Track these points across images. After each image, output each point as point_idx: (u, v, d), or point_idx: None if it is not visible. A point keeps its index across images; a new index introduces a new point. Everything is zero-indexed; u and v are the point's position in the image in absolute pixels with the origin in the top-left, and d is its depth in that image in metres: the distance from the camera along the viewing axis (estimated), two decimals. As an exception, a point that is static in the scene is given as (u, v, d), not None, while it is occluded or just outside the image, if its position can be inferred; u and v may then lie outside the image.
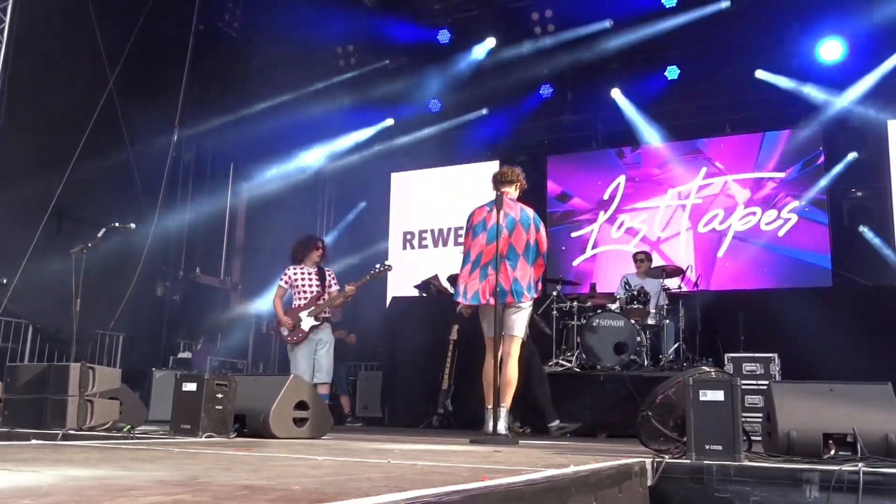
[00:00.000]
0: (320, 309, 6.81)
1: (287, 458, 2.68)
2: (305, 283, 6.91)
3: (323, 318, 6.85)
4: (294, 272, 6.98)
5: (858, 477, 2.99)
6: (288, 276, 6.98)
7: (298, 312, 6.80)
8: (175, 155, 9.85)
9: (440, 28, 11.02)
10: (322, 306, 6.81)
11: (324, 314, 6.86)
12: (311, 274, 6.96)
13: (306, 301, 6.84)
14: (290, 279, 6.95)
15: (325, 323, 6.88)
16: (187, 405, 4.28)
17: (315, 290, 6.89)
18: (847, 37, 9.61)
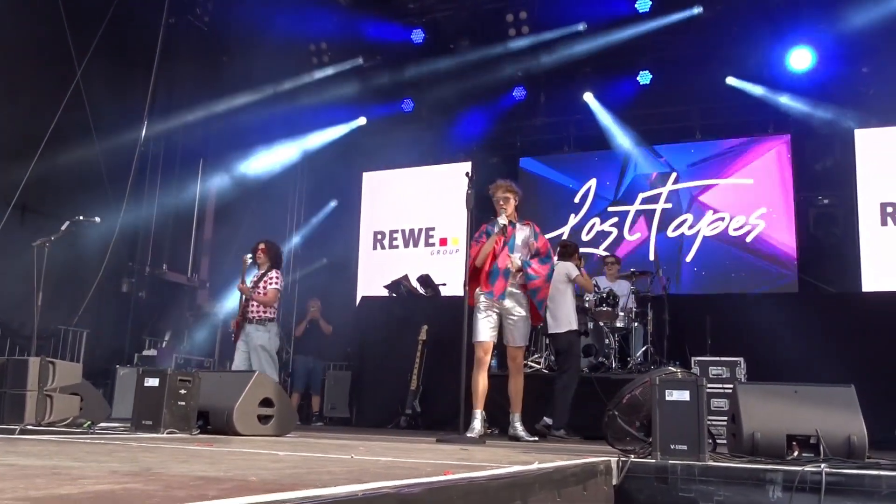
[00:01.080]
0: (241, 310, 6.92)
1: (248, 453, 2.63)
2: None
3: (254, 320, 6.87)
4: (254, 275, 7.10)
5: (821, 478, 3.01)
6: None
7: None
8: (143, 149, 9.71)
9: (414, 28, 10.98)
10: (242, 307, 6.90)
11: (251, 314, 6.88)
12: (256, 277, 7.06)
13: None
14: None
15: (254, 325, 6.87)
16: (149, 401, 4.20)
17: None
18: (816, 46, 9.75)
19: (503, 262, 5.70)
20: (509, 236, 5.75)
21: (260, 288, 6.95)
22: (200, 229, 10.86)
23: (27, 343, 7.43)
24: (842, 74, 9.69)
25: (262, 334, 6.86)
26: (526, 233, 5.88)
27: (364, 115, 11.97)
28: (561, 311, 6.94)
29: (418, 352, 8.83)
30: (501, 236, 5.74)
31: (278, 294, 7.02)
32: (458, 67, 11.05)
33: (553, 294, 7.00)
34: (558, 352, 7.09)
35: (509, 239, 5.74)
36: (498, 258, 5.74)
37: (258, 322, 6.90)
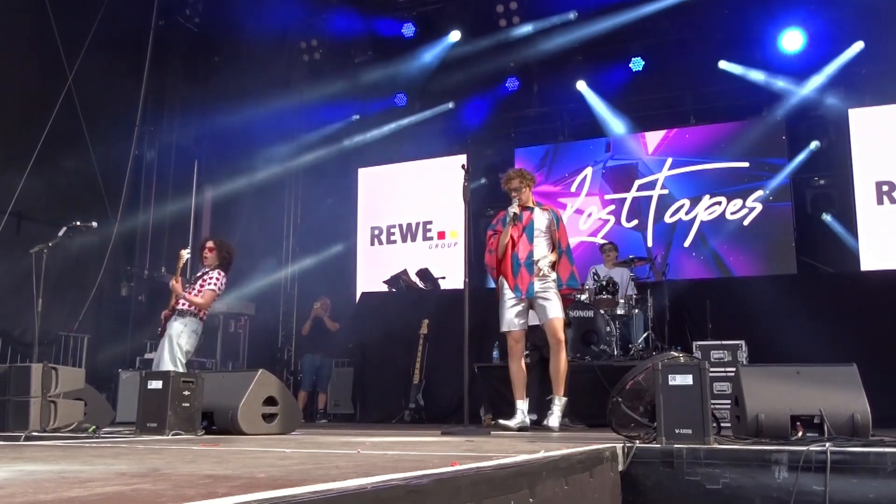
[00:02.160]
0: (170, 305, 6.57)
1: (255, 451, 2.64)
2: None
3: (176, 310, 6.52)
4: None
5: (826, 457, 3.02)
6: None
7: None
8: (137, 153, 9.70)
9: (405, 21, 10.97)
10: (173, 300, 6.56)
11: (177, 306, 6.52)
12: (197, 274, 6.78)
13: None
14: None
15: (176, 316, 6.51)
16: (153, 403, 4.20)
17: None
18: (808, 27, 9.75)
19: (523, 251, 5.51)
20: (527, 222, 5.58)
21: (196, 286, 6.61)
22: (198, 230, 10.83)
23: (29, 350, 7.42)
24: (833, 54, 9.68)
25: (177, 325, 6.50)
26: (547, 218, 5.68)
27: (357, 111, 11.96)
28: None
29: (420, 346, 8.85)
30: (518, 224, 5.58)
31: (214, 297, 6.65)
32: (450, 60, 11.04)
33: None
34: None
35: (527, 225, 5.58)
36: (518, 246, 5.56)
37: (179, 314, 6.55)
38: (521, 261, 5.51)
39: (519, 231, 5.58)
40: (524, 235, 5.56)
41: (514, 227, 5.57)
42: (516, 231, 5.57)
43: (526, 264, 5.49)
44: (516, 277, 5.49)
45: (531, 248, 5.54)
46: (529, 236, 5.56)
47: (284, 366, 11.72)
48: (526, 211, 5.64)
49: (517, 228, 5.58)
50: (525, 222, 5.58)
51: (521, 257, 5.52)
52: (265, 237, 11.56)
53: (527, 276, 5.48)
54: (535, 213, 5.67)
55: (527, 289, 5.46)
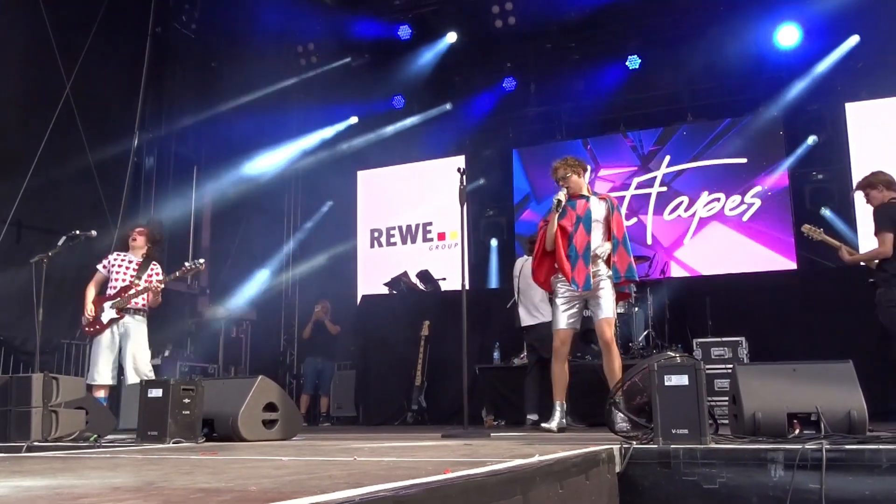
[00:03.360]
0: (125, 301, 6.22)
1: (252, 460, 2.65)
2: (121, 271, 6.37)
3: (133, 311, 6.25)
4: (115, 257, 6.50)
5: (821, 454, 3.03)
6: (108, 260, 6.50)
7: (104, 302, 6.28)
8: (136, 160, 9.72)
9: (400, 24, 10.98)
10: (127, 298, 6.21)
11: (131, 306, 6.25)
12: (130, 263, 6.42)
13: (114, 291, 6.31)
14: (109, 263, 6.45)
15: (133, 316, 6.25)
16: (154, 411, 4.22)
17: (127, 281, 6.31)
18: (803, 22, 9.75)
19: (581, 242, 5.18)
20: (583, 211, 5.25)
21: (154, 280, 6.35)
22: (198, 236, 10.86)
23: (30, 359, 7.45)
24: (829, 49, 9.69)
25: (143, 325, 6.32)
26: (605, 207, 5.34)
27: (355, 114, 11.98)
28: (532, 304, 7.10)
29: (421, 347, 8.88)
30: (571, 212, 5.25)
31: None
32: (446, 61, 11.06)
33: (524, 288, 7.17)
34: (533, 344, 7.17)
35: (584, 214, 5.24)
36: (575, 238, 5.21)
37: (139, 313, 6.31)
38: (579, 252, 5.19)
39: (573, 221, 5.25)
40: (581, 226, 5.23)
41: (566, 218, 5.25)
42: (570, 221, 5.25)
43: (584, 256, 5.18)
44: (574, 270, 5.16)
45: (588, 239, 5.21)
46: (587, 226, 5.22)
47: (287, 370, 11.75)
48: (581, 200, 5.33)
49: (570, 218, 5.25)
50: (581, 211, 5.26)
51: (578, 249, 5.20)
52: (265, 242, 11.59)
53: (584, 269, 5.16)
54: (592, 201, 5.33)
55: (584, 282, 5.14)
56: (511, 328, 8.49)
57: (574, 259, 5.18)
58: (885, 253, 5.58)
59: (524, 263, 7.26)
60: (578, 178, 5.36)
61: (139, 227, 6.68)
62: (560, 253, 5.21)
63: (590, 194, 5.39)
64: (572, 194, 5.33)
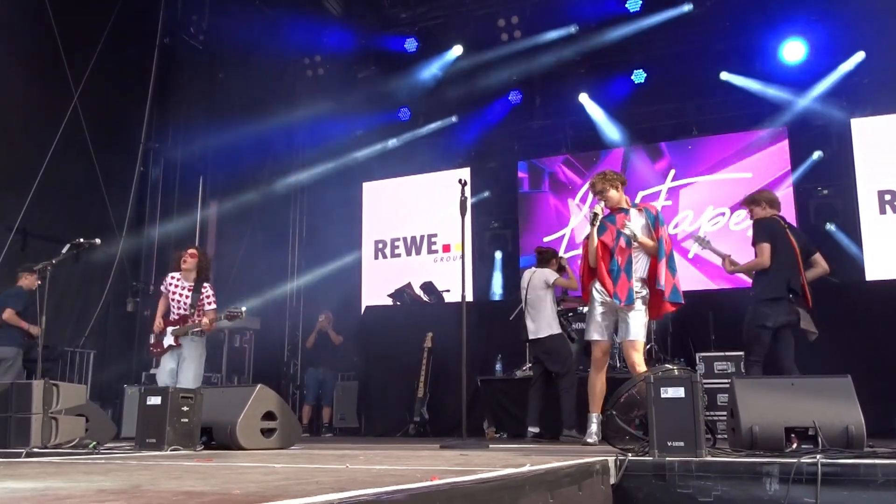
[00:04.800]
0: (185, 331, 6.43)
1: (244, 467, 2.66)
2: (178, 296, 6.55)
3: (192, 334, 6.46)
4: (170, 280, 6.64)
5: (817, 469, 3.02)
6: (166, 281, 6.68)
7: (167, 326, 6.52)
8: (143, 169, 9.78)
9: (407, 36, 11.05)
10: (189, 328, 6.43)
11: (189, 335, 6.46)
12: (184, 288, 6.57)
13: (176, 319, 6.51)
14: (167, 283, 6.64)
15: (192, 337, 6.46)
16: (152, 419, 4.24)
17: (185, 310, 6.50)
18: (809, 38, 9.77)
19: (622, 257, 5.10)
20: (622, 225, 5.16)
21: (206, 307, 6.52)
22: (203, 246, 10.87)
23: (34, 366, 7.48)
24: (835, 64, 9.69)
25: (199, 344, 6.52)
26: (643, 220, 5.23)
27: (361, 126, 12.02)
28: (541, 317, 7.07)
29: (424, 359, 8.87)
30: (612, 227, 5.18)
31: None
32: (452, 74, 11.11)
33: (533, 300, 7.14)
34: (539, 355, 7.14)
35: (623, 228, 5.17)
36: (616, 253, 5.14)
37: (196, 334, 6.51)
38: (622, 266, 5.10)
39: (614, 235, 5.18)
40: (621, 239, 5.15)
41: (607, 233, 5.19)
42: (611, 236, 5.18)
43: (626, 270, 5.09)
44: (616, 284, 5.07)
45: (629, 252, 5.12)
46: (627, 240, 5.14)
47: (291, 380, 11.76)
48: (620, 213, 5.25)
49: (611, 233, 5.18)
50: (621, 225, 5.18)
51: (620, 263, 5.11)
52: (270, 252, 11.61)
53: (626, 283, 5.06)
54: (632, 214, 5.24)
55: (626, 296, 5.05)
56: (514, 340, 8.49)
57: (616, 273, 5.10)
58: (762, 264, 5.68)
59: (532, 275, 7.25)
60: (617, 191, 5.29)
61: (191, 249, 6.77)
62: (601, 269, 5.16)
63: (629, 206, 5.31)
64: (611, 208, 5.27)
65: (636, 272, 5.11)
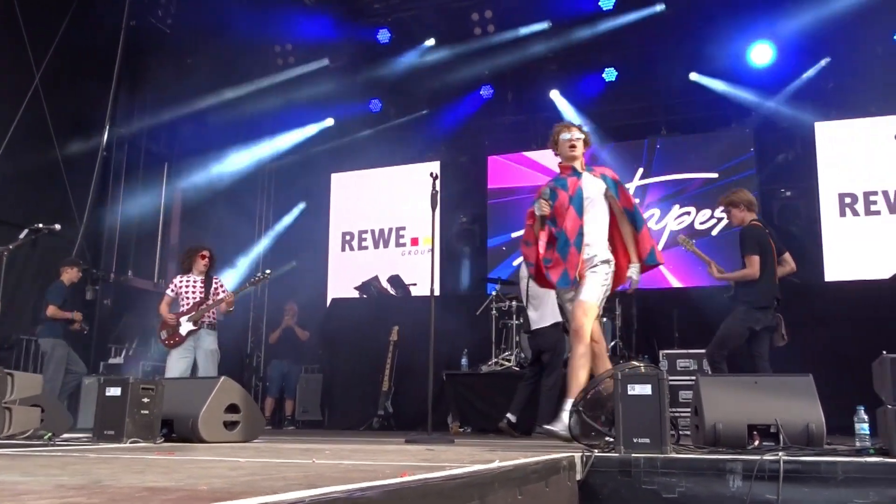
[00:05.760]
0: (201, 314, 6.83)
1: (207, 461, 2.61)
2: (190, 290, 6.96)
3: (207, 324, 6.87)
4: (180, 281, 7.03)
5: (779, 466, 3.06)
6: (174, 284, 7.04)
7: (179, 317, 6.86)
8: (106, 154, 9.57)
9: (380, 27, 10.97)
10: (203, 311, 6.84)
11: (207, 319, 6.87)
12: (196, 282, 7.00)
13: (188, 307, 6.88)
14: (176, 287, 7.00)
15: (207, 329, 6.88)
16: (111, 410, 4.14)
17: (199, 297, 6.92)
18: (776, 41, 9.90)
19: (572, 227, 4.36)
20: (574, 190, 4.43)
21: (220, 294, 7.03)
22: (167, 234, 10.72)
23: (-8, 355, 7.31)
24: (801, 68, 9.84)
25: (215, 339, 6.92)
26: (600, 185, 4.51)
27: (331, 116, 11.92)
28: (544, 305, 6.74)
29: (389, 352, 8.83)
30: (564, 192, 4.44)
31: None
32: (424, 67, 11.06)
33: (535, 290, 6.59)
34: (542, 350, 6.85)
35: (574, 194, 4.43)
36: (564, 222, 4.39)
37: (211, 326, 6.93)
38: (571, 239, 4.37)
39: (566, 204, 4.42)
40: (571, 208, 4.40)
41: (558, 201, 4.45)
42: (562, 205, 4.43)
43: (576, 243, 4.37)
44: (566, 260, 4.34)
45: (581, 222, 4.40)
46: (578, 208, 4.41)
47: (253, 372, 11.64)
48: (571, 177, 4.50)
49: (562, 201, 4.43)
50: (571, 191, 4.43)
51: (569, 235, 4.37)
52: (236, 242, 11.47)
53: (577, 256, 4.36)
54: (584, 178, 4.51)
55: (575, 274, 4.38)
56: (481, 335, 8.51)
57: (564, 247, 4.36)
58: (752, 275, 5.72)
59: None
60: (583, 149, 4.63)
61: (204, 249, 7.20)
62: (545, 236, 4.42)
63: (583, 170, 4.57)
64: (562, 168, 4.61)
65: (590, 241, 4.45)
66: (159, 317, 6.98)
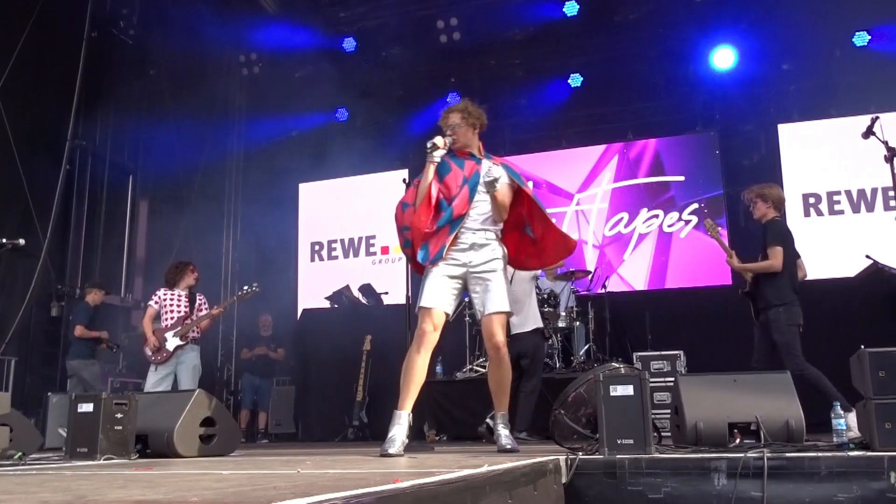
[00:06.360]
0: (187, 329, 6.85)
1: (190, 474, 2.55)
2: (175, 304, 6.97)
3: (191, 339, 6.89)
4: (164, 294, 7.04)
5: (763, 463, 3.08)
6: (158, 296, 7.03)
7: (164, 333, 6.84)
8: (69, 168, 9.38)
9: (345, 36, 10.93)
10: (189, 326, 6.86)
11: (191, 334, 6.90)
12: (181, 297, 7.03)
13: (173, 321, 6.88)
14: (160, 300, 7.00)
15: (192, 344, 6.91)
16: (84, 427, 4.04)
17: (183, 312, 6.94)
18: (739, 45, 10.06)
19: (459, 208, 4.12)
20: (470, 173, 4.19)
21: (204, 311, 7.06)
22: (132, 248, 10.54)
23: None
24: (763, 71, 10.01)
25: (198, 354, 6.97)
26: (500, 173, 4.22)
27: (298, 126, 11.81)
28: (525, 310, 6.76)
29: (363, 362, 8.77)
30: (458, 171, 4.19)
31: None
32: (390, 75, 11.03)
33: (517, 294, 6.65)
34: (521, 355, 6.80)
35: (471, 177, 4.18)
36: (454, 201, 4.15)
37: (195, 342, 6.96)
38: (452, 217, 4.13)
39: (459, 183, 4.18)
40: (465, 189, 4.15)
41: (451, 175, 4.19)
42: (455, 182, 4.17)
43: (454, 224, 4.12)
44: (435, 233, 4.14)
45: (469, 207, 4.15)
46: (472, 192, 4.16)
47: (225, 385, 11.46)
48: (470, 160, 4.26)
49: (456, 178, 4.18)
50: (468, 173, 4.19)
51: (453, 213, 4.13)
52: (203, 254, 11.30)
53: (443, 238, 4.11)
54: (483, 164, 4.26)
55: (438, 251, 4.10)
56: (455, 342, 8.48)
57: (442, 222, 4.14)
58: (775, 267, 5.67)
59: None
60: (473, 133, 4.32)
61: (192, 265, 7.25)
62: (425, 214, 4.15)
63: (482, 156, 4.33)
64: (459, 150, 4.29)
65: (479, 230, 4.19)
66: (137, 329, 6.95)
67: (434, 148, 4.15)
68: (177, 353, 6.81)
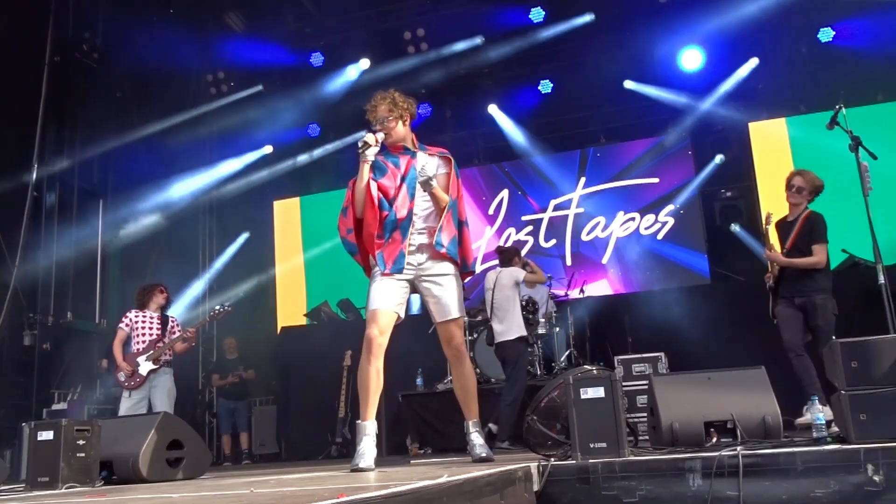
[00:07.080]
0: (160, 352, 6.73)
1: (140, 500, 2.44)
2: (147, 327, 6.85)
3: (164, 362, 6.77)
4: (136, 316, 6.91)
5: (738, 461, 3.01)
6: (129, 318, 6.89)
7: (136, 357, 6.72)
8: (36, 194, 9.21)
9: (313, 51, 10.86)
10: (161, 349, 6.74)
11: (164, 357, 6.78)
12: (152, 318, 6.92)
13: (145, 345, 6.77)
14: (131, 322, 6.86)
15: (165, 367, 6.79)
16: (44, 455, 3.91)
17: (155, 335, 6.82)
18: (705, 46, 10.08)
19: (403, 208, 3.94)
20: (406, 169, 4.02)
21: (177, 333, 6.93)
22: (105, 272, 10.36)
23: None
24: (731, 70, 10.03)
25: (171, 377, 6.83)
26: (436, 166, 4.10)
27: (270, 143, 11.71)
28: (509, 317, 6.78)
29: (344, 378, 8.69)
30: (395, 170, 4.01)
31: None
32: (360, 88, 10.95)
33: (500, 301, 6.81)
34: (505, 362, 6.88)
35: (406, 173, 4.01)
36: (395, 203, 3.96)
37: (168, 365, 6.83)
38: (399, 222, 3.96)
39: (395, 182, 3.99)
40: (403, 187, 3.98)
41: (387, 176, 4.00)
42: (392, 182, 3.98)
43: (402, 227, 3.96)
44: (387, 241, 3.94)
45: (412, 205, 3.99)
46: (410, 189, 3.99)
47: (207, 408, 11.28)
48: (404, 155, 4.09)
49: (392, 177, 3.99)
50: (404, 170, 4.02)
51: (398, 216, 3.95)
52: (179, 276, 11.15)
53: (398, 244, 3.95)
54: (421, 157, 4.12)
55: (395, 261, 3.94)
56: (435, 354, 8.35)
57: (388, 229, 3.95)
58: (821, 263, 5.60)
59: (498, 275, 6.99)
60: (404, 126, 4.13)
61: (161, 286, 7.15)
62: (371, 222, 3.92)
63: (416, 149, 4.17)
64: (392, 146, 4.12)
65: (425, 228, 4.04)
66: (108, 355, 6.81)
67: (366, 146, 3.96)
68: (150, 378, 6.68)
